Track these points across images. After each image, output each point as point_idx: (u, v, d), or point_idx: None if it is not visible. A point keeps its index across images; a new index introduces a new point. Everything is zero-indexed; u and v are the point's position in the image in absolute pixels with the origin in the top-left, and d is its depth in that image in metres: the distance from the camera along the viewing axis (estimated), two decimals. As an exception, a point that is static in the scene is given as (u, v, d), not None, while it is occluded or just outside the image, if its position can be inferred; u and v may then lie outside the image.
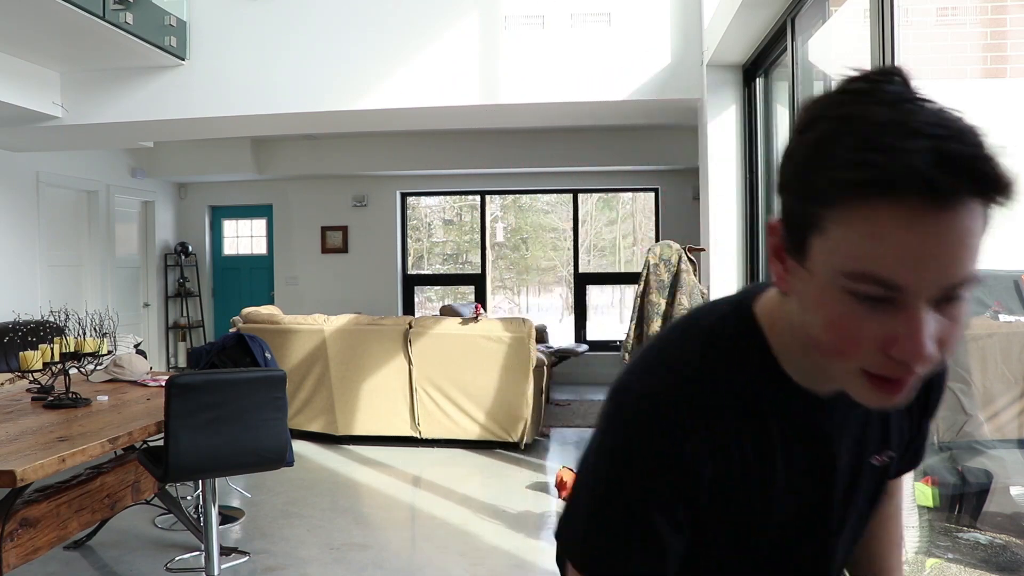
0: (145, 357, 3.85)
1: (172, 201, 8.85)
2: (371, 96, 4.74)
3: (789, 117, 3.44)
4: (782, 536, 0.80)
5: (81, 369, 3.10)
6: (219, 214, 9.14)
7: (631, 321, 4.21)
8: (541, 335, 7.18)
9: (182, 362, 8.52)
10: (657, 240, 8.05)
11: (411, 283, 8.96)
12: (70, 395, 2.95)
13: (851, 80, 0.64)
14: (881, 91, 0.61)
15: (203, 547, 2.93)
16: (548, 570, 3.23)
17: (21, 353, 2.92)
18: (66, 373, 3.00)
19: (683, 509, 0.73)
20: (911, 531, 2.27)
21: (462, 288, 9.44)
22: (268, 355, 3.76)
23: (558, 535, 0.80)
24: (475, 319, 5.22)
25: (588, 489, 0.76)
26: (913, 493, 2.29)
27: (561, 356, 7.00)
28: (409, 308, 8.84)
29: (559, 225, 10.71)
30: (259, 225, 9.12)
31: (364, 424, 5.35)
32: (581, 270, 8.92)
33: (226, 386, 2.64)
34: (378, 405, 5.29)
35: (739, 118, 4.31)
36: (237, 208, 9.08)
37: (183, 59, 4.81)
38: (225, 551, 3.32)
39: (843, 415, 0.78)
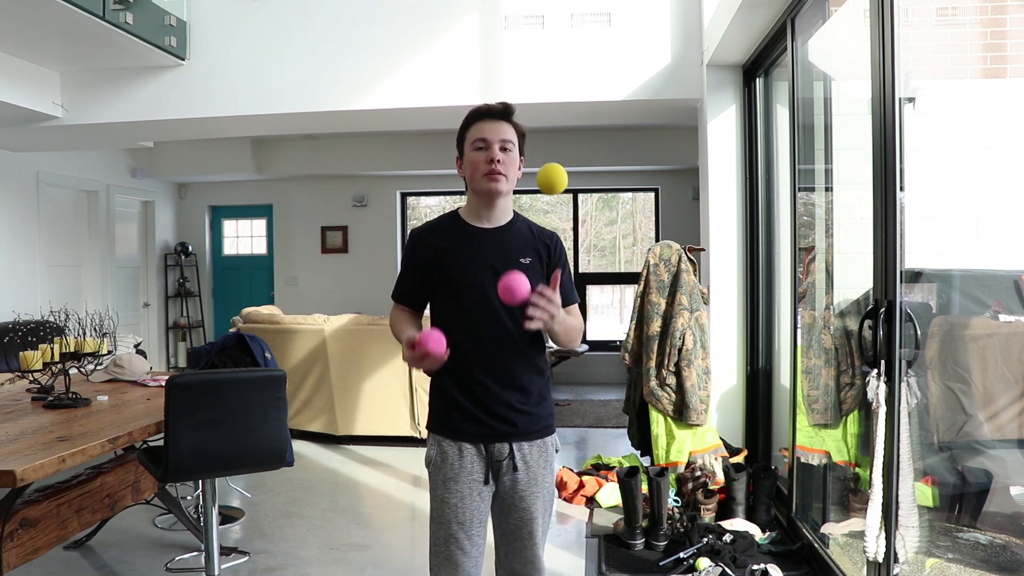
0: (145, 357, 3.84)
1: (172, 201, 8.85)
2: (371, 96, 4.74)
3: (789, 117, 3.44)
4: (469, 286, 1.91)
5: (81, 369, 3.10)
6: (219, 214, 9.14)
7: (631, 321, 4.21)
8: (541, 335, 7.16)
9: (182, 362, 8.52)
10: (657, 240, 8.05)
11: (411, 283, 8.95)
12: (70, 395, 2.95)
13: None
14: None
15: (203, 547, 2.93)
16: (548, 569, 3.22)
17: (21, 353, 2.92)
18: (66, 373, 3.00)
19: (419, 269, 1.99)
20: (911, 531, 2.26)
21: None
22: (268, 355, 3.76)
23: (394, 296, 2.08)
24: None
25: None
26: (913, 493, 2.29)
27: (561, 356, 6.99)
28: (409, 308, 8.82)
29: (559, 225, 10.71)
30: (259, 225, 9.12)
31: (364, 424, 5.35)
32: (581, 270, 8.92)
33: (226, 386, 2.63)
34: (378, 405, 5.29)
35: (739, 118, 4.30)
36: (237, 208, 9.08)
37: (183, 59, 4.81)
38: (225, 551, 3.32)
39: (494, 237, 1.96)
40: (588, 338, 8.52)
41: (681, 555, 3.13)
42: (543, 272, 1.96)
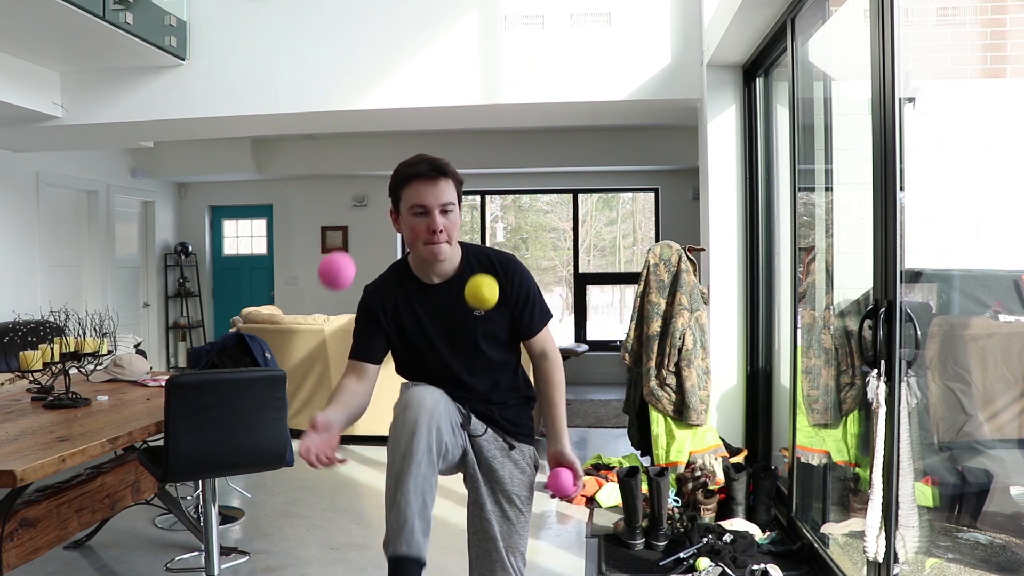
0: (145, 357, 3.84)
1: (172, 201, 8.85)
2: (371, 96, 4.74)
3: (789, 117, 3.44)
4: (425, 345, 1.96)
5: (81, 369, 3.10)
6: (219, 214, 9.14)
7: (631, 321, 4.21)
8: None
9: (182, 362, 8.52)
10: (657, 240, 8.05)
11: (411, 283, 8.96)
12: (70, 395, 2.95)
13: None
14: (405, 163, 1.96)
15: (203, 547, 2.93)
16: (548, 569, 3.23)
17: (21, 353, 2.92)
18: (66, 373, 3.00)
19: (374, 326, 1.99)
20: (911, 531, 2.26)
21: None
22: (268, 355, 3.75)
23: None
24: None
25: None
26: (913, 493, 2.29)
27: (561, 356, 6.99)
28: (409, 308, 8.83)
29: (559, 225, 10.72)
30: (259, 225, 9.12)
31: (364, 424, 5.32)
32: (581, 270, 8.92)
33: (226, 386, 2.63)
34: (378, 405, 5.25)
35: (739, 118, 4.30)
36: (237, 208, 9.08)
37: (183, 59, 4.81)
38: (225, 551, 3.32)
39: (444, 293, 1.94)
40: (588, 338, 8.52)
41: (681, 555, 3.13)
42: (507, 310, 1.97)
